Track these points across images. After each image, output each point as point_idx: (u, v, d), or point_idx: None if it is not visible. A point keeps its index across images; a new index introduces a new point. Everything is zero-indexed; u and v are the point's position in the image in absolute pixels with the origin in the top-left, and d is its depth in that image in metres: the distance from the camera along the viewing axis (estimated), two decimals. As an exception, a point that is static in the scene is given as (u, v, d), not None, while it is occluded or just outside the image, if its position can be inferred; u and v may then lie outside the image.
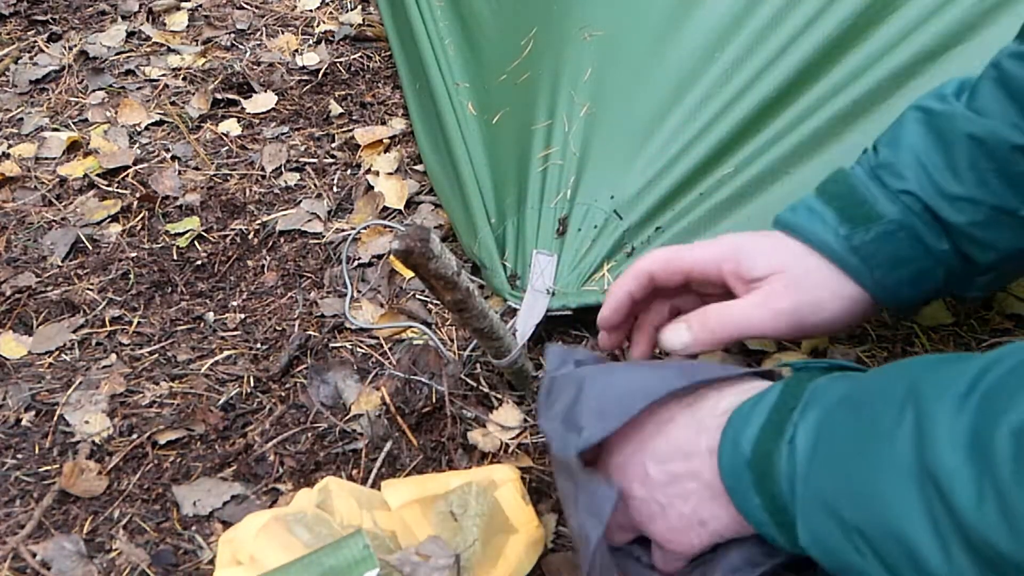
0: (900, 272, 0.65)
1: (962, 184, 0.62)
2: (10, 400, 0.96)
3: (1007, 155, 0.61)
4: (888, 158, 0.66)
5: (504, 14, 1.24)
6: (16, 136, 1.38)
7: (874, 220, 0.64)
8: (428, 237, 0.65)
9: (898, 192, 0.64)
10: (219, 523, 0.84)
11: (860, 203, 0.65)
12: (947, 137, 0.63)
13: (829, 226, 0.65)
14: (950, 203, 0.63)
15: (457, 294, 0.72)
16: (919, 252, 0.64)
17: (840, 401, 0.51)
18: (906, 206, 0.64)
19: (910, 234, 0.64)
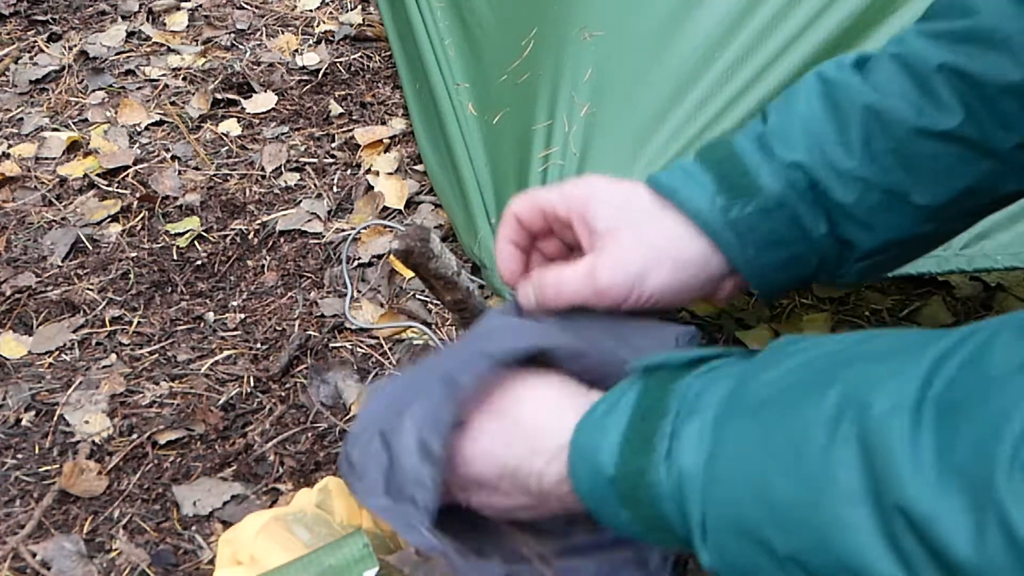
0: (773, 254, 0.59)
1: (855, 159, 0.57)
2: (10, 400, 0.96)
3: (905, 135, 0.57)
4: (778, 125, 0.60)
5: (504, 14, 1.24)
6: (16, 136, 1.38)
7: (755, 193, 0.58)
8: (428, 237, 0.65)
9: (787, 164, 0.58)
10: (219, 523, 0.84)
11: (742, 172, 0.59)
12: (843, 108, 0.58)
13: (705, 193, 0.58)
14: (840, 179, 0.58)
15: (457, 294, 0.72)
16: (796, 234, 0.59)
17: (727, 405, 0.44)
18: (790, 182, 0.58)
19: (789, 214, 0.58)
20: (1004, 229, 0.90)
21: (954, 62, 0.55)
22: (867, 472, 0.36)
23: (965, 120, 0.55)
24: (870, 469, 0.36)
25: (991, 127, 0.55)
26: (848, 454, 0.37)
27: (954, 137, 0.56)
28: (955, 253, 0.90)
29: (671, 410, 0.46)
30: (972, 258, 0.89)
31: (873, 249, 0.60)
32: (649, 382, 0.49)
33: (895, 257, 0.62)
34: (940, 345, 0.38)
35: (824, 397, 0.40)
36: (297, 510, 0.75)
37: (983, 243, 0.90)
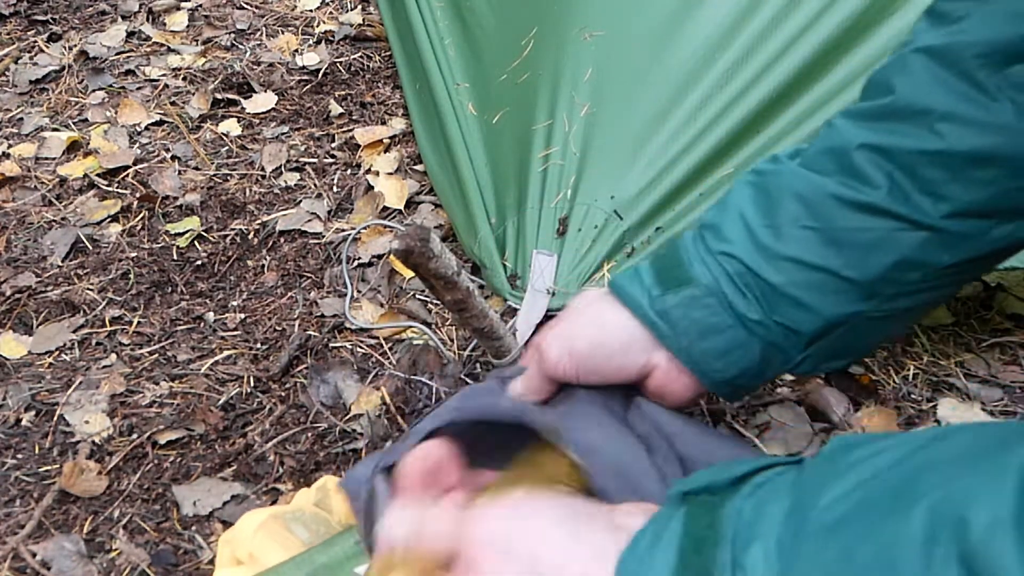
0: (709, 342, 0.61)
1: (783, 242, 0.59)
2: (10, 400, 0.96)
3: (831, 211, 0.58)
4: (714, 219, 0.63)
5: (504, 14, 1.24)
6: (16, 136, 1.38)
7: (684, 283, 0.61)
8: (428, 237, 0.65)
9: (717, 254, 0.61)
10: (219, 523, 0.84)
11: (676, 264, 0.62)
12: (773, 195, 0.60)
13: (644, 287, 0.62)
14: (770, 262, 0.59)
15: (457, 294, 0.72)
16: (729, 320, 0.60)
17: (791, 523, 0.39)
18: (723, 269, 0.60)
19: (720, 300, 0.60)
20: None
21: (874, 139, 0.57)
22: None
23: (889, 192, 0.56)
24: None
25: (918, 197, 0.56)
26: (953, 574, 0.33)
27: (878, 209, 0.57)
28: None
29: (725, 538, 0.41)
30: None
31: (816, 332, 0.60)
32: (693, 509, 0.44)
33: (845, 343, 0.61)
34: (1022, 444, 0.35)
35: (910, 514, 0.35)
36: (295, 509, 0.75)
37: None
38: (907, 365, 0.97)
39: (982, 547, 0.32)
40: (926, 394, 0.94)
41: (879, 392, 0.94)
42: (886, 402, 0.93)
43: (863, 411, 0.92)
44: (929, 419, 0.91)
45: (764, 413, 0.91)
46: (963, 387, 0.94)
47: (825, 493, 0.40)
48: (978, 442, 0.38)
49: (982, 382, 0.95)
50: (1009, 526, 0.32)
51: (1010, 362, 0.97)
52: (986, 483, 0.34)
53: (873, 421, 0.90)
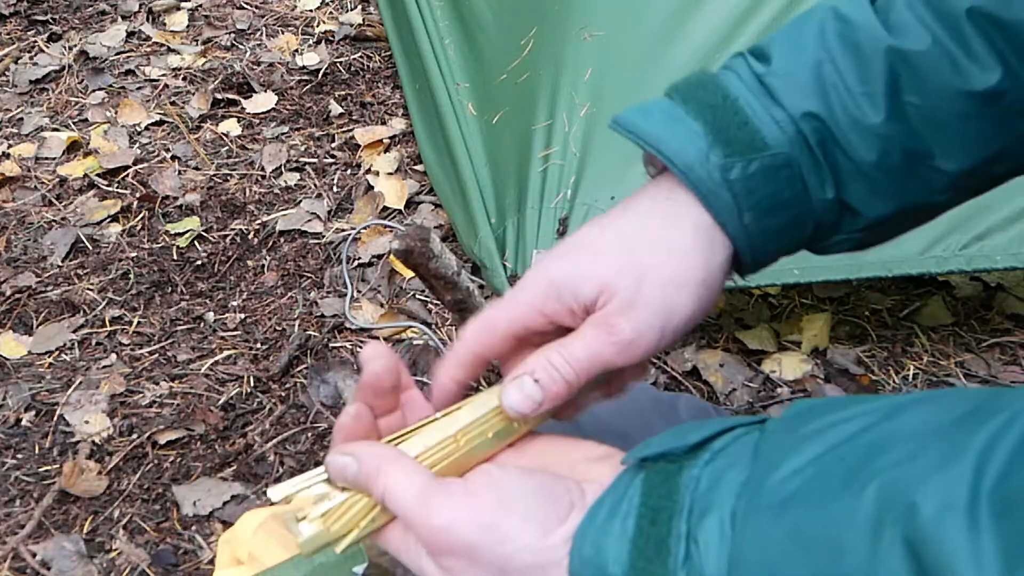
0: (774, 219, 0.50)
1: (880, 114, 0.49)
2: (10, 400, 0.96)
3: (935, 90, 0.48)
4: (785, 67, 0.50)
5: (504, 14, 1.24)
6: (16, 136, 1.38)
7: (759, 148, 0.48)
8: (428, 237, 0.65)
9: (800, 115, 0.49)
10: (219, 523, 0.84)
11: (741, 122, 0.49)
12: (866, 53, 0.49)
13: (698, 145, 0.48)
14: (862, 135, 0.49)
15: (457, 294, 0.72)
16: (798, 196, 0.50)
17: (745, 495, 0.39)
18: (801, 134, 0.49)
19: (794, 173, 0.49)
20: (1003, 230, 0.91)
21: (985, 6, 0.47)
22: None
23: (1003, 77, 0.47)
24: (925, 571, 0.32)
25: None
26: (895, 561, 0.33)
27: (991, 96, 0.48)
28: (954, 253, 0.90)
29: (682, 508, 0.40)
30: (971, 258, 0.89)
31: (878, 219, 0.51)
32: (651, 476, 0.42)
33: (893, 229, 0.54)
34: (985, 429, 0.34)
35: (861, 494, 0.35)
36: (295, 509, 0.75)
37: (982, 243, 0.90)
38: (907, 365, 0.97)
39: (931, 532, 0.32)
40: (926, 394, 0.94)
41: (879, 392, 0.94)
42: (886, 402, 0.93)
43: (863, 411, 0.92)
44: (929, 419, 0.91)
45: (764, 413, 0.91)
46: (963, 387, 0.94)
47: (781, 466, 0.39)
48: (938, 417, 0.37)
49: (982, 382, 0.95)
50: (960, 513, 0.32)
51: (1010, 362, 0.97)
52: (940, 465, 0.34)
53: (873, 421, 0.90)
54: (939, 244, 0.90)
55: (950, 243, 0.90)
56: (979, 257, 0.89)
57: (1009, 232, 0.90)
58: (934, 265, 0.89)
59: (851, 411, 0.39)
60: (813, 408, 0.41)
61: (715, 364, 0.96)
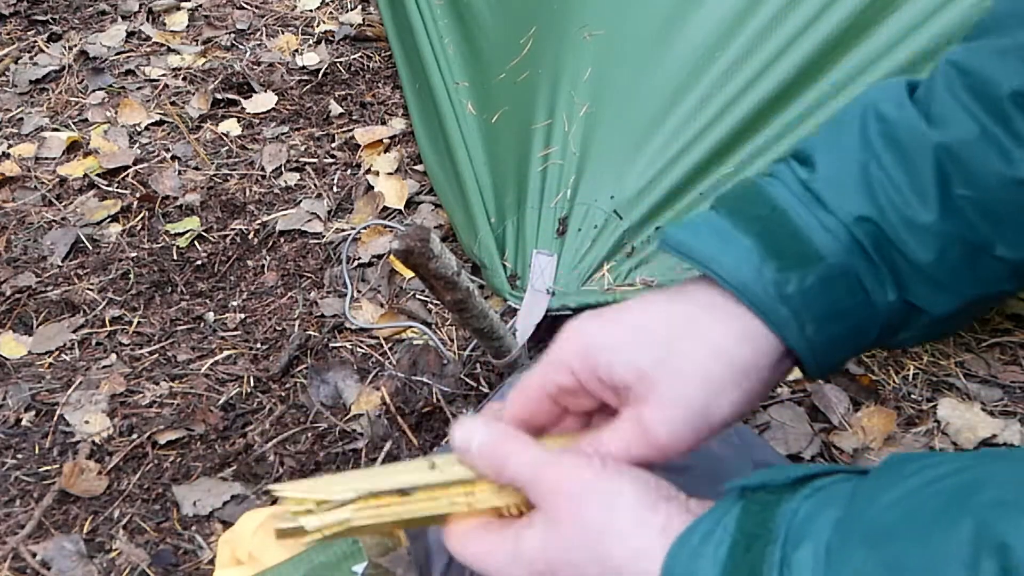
0: (836, 327, 0.49)
1: (933, 212, 0.47)
2: (10, 400, 0.96)
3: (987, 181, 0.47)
4: (831, 171, 0.49)
5: (504, 13, 1.24)
6: (16, 136, 1.38)
7: (813, 260, 0.48)
8: (428, 237, 0.65)
9: (852, 220, 0.48)
10: (219, 523, 0.84)
11: (791, 233, 0.48)
12: (911, 150, 0.48)
13: (750, 262, 0.47)
14: (916, 235, 0.48)
15: (457, 294, 0.72)
16: (859, 302, 0.49)
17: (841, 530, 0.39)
18: (854, 240, 0.48)
19: (852, 281, 0.48)
20: None
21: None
22: None
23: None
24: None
25: None
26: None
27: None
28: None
29: (778, 536, 0.40)
30: None
31: (947, 314, 0.50)
32: (750, 505, 0.42)
33: (963, 320, 0.52)
34: None
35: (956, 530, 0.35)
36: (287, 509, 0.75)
37: None
38: (907, 365, 0.97)
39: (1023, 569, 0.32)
40: (926, 394, 0.94)
41: (879, 392, 0.94)
42: (886, 402, 0.93)
43: (863, 411, 0.92)
44: (929, 419, 0.91)
45: (764, 413, 0.91)
46: (963, 387, 0.94)
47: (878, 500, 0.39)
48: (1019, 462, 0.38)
49: (982, 382, 0.95)
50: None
51: (1010, 362, 0.97)
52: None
53: (873, 421, 0.90)
54: None
55: None
56: None
57: None
58: None
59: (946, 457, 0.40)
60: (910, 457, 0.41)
61: (715, 364, 0.96)
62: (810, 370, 0.49)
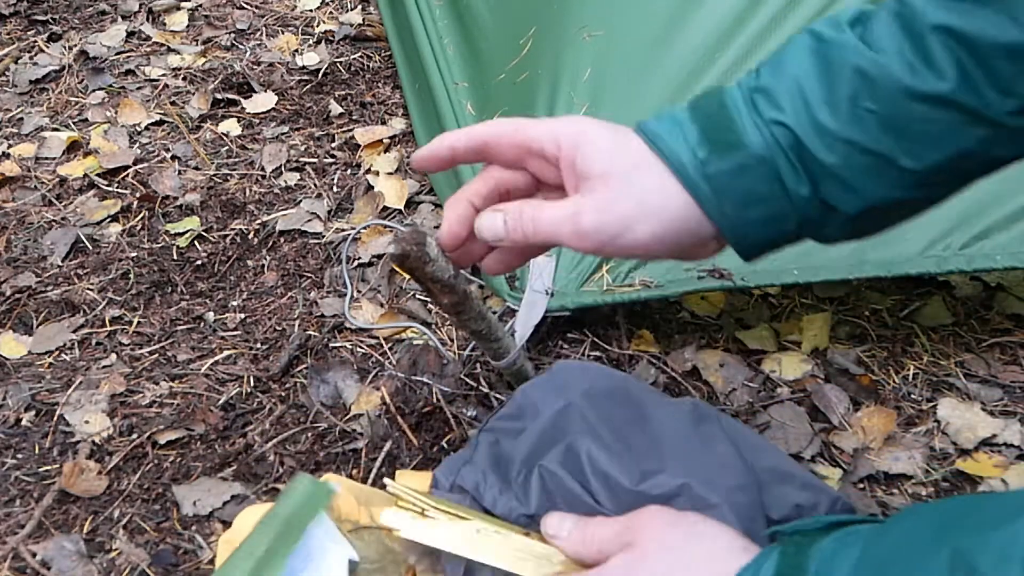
0: (752, 211, 0.58)
1: (841, 122, 0.55)
2: (10, 400, 0.96)
3: (896, 97, 0.54)
4: (768, 83, 0.58)
5: (503, 13, 1.24)
6: (16, 136, 1.38)
7: (736, 148, 0.57)
8: (424, 240, 0.65)
9: (771, 123, 0.57)
10: (219, 523, 0.84)
11: (727, 127, 0.58)
12: (835, 66, 0.56)
13: (688, 144, 0.58)
14: (825, 141, 0.56)
15: (454, 297, 0.72)
16: (776, 192, 0.58)
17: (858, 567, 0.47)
18: (775, 139, 0.57)
19: (770, 171, 0.57)
20: (1003, 229, 0.90)
21: (950, 21, 0.53)
22: None
23: (959, 84, 0.53)
24: None
25: (987, 92, 0.53)
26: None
27: (947, 101, 0.54)
28: (955, 253, 0.90)
29: (809, 571, 0.48)
30: (972, 258, 0.89)
31: (856, 214, 0.58)
32: (787, 548, 0.51)
33: (879, 223, 0.61)
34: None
35: (938, 556, 0.43)
36: None
37: (982, 243, 0.90)
38: (907, 365, 0.97)
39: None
40: (926, 394, 0.94)
41: (879, 392, 0.94)
42: (886, 402, 0.93)
43: (863, 411, 0.92)
44: (929, 419, 0.91)
45: (764, 413, 0.91)
46: (963, 387, 0.94)
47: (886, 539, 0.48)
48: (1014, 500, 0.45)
49: (982, 382, 0.95)
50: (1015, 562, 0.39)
51: (1010, 362, 0.97)
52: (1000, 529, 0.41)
53: (873, 421, 0.90)
54: (939, 243, 0.90)
55: (950, 242, 0.90)
56: (980, 256, 0.89)
57: (1011, 231, 0.90)
58: (934, 265, 0.89)
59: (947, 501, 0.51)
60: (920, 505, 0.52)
61: (715, 364, 0.96)
62: (734, 247, 0.60)
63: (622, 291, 0.94)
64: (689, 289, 0.92)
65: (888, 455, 0.87)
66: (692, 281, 0.92)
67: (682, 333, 1.00)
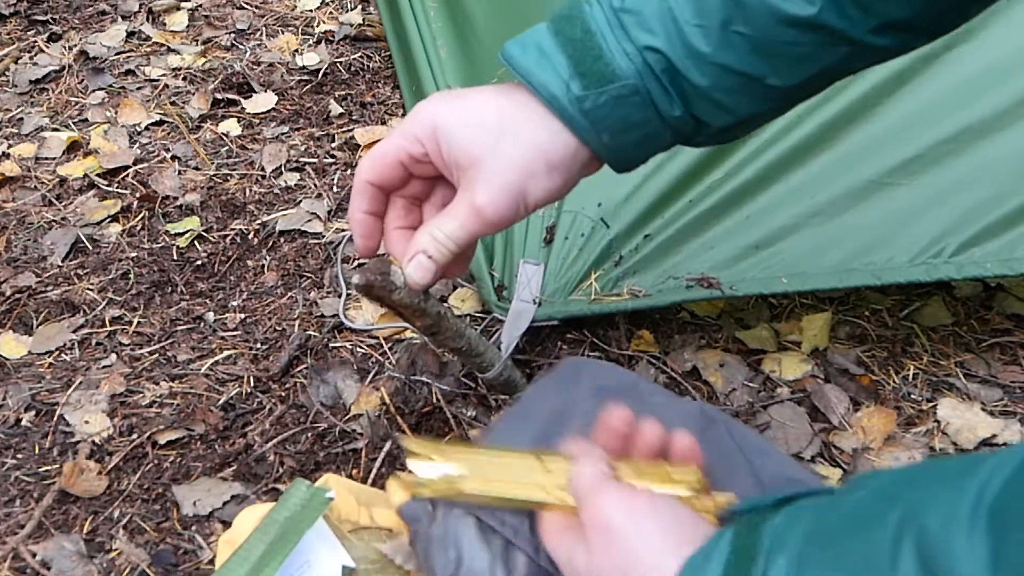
0: (628, 136, 0.60)
1: (712, 46, 0.57)
2: (10, 400, 0.96)
3: (762, 19, 0.56)
4: (635, 4, 0.58)
5: (496, 18, 1.24)
6: (16, 136, 1.38)
7: (609, 80, 0.57)
8: (388, 270, 0.65)
9: (643, 48, 0.57)
10: (219, 523, 0.84)
11: (596, 56, 0.58)
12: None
13: (560, 78, 0.58)
14: (697, 63, 0.57)
15: (427, 320, 0.72)
16: (650, 116, 0.59)
17: (808, 539, 0.47)
18: (647, 65, 0.57)
19: (644, 99, 0.58)
20: (994, 236, 0.89)
21: None
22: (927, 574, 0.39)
23: (824, 6, 0.55)
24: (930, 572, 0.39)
25: (851, 11, 0.55)
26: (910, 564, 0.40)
27: (815, 24, 0.55)
28: (944, 261, 0.89)
29: (762, 550, 0.48)
30: (961, 265, 0.88)
31: (726, 126, 0.61)
32: (740, 527, 0.51)
33: (745, 129, 0.63)
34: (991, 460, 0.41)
35: (887, 518, 0.42)
36: None
37: (973, 250, 0.89)
38: (907, 365, 0.97)
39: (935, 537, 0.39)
40: (926, 394, 0.94)
41: (879, 392, 0.94)
42: (886, 402, 0.93)
43: (863, 411, 0.92)
44: (929, 419, 0.91)
45: (764, 413, 0.91)
46: (963, 387, 0.94)
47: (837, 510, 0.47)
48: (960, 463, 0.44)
49: (982, 382, 0.95)
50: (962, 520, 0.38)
51: (1010, 362, 0.97)
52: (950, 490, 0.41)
53: (873, 421, 0.90)
54: (929, 250, 0.89)
55: (941, 249, 0.89)
56: (969, 264, 0.88)
57: (1001, 238, 0.89)
58: (923, 273, 0.88)
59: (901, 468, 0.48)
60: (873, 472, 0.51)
61: (715, 364, 0.96)
62: (611, 166, 0.62)
63: (610, 300, 0.94)
64: (677, 299, 0.92)
65: (888, 455, 0.87)
66: (681, 291, 0.92)
67: (682, 333, 1.00)
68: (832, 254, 0.91)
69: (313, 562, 0.67)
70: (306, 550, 0.68)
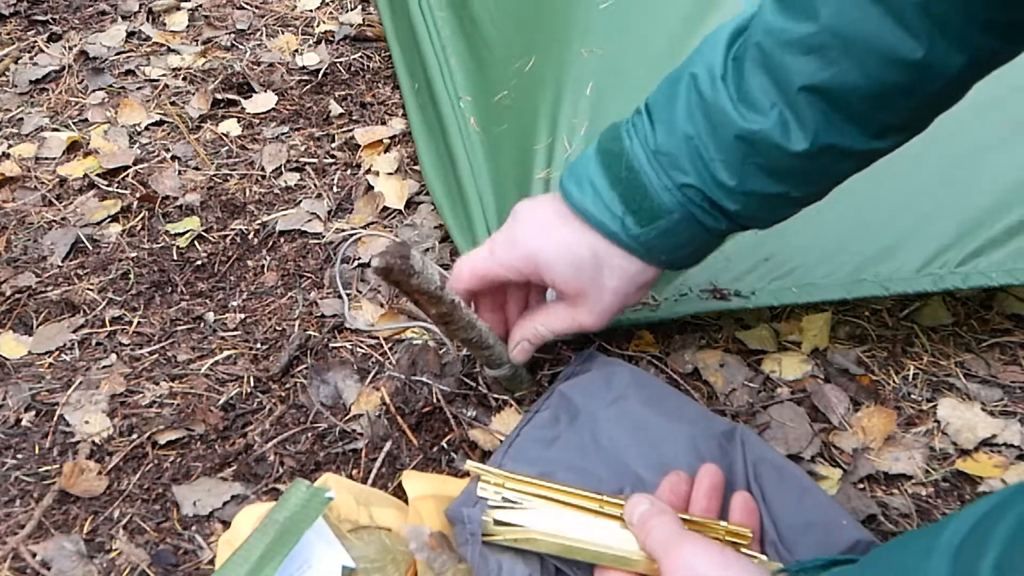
0: (683, 251, 0.71)
1: (736, 179, 0.65)
2: (10, 400, 0.96)
3: (775, 154, 0.63)
4: (666, 146, 0.67)
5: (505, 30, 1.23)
6: (16, 136, 1.38)
7: (657, 216, 0.68)
8: (408, 254, 0.65)
9: (680, 185, 0.67)
10: (219, 523, 0.84)
11: (643, 195, 0.68)
12: (719, 131, 0.64)
13: (616, 216, 0.69)
14: (727, 193, 0.66)
15: (441, 307, 0.72)
16: (699, 233, 0.70)
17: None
18: (687, 198, 0.67)
19: (691, 222, 0.68)
20: (999, 246, 0.91)
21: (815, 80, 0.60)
22: None
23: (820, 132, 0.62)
24: None
25: (849, 129, 0.62)
26: None
27: (815, 153, 0.63)
28: (950, 271, 0.91)
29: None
30: (967, 275, 0.90)
31: (766, 225, 0.73)
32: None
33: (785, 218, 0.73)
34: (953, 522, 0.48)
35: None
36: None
37: (977, 260, 0.91)
38: (907, 365, 0.97)
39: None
40: (926, 394, 0.94)
41: (879, 392, 0.94)
42: (886, 402, 0.93)
43: (863, 411, 0.92)
44: (929, 419, 0.91)
45: (764, 413, 0.91)
46: (963, 387, 0.94)
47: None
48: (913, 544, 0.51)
49: (982, 382, 0.95)
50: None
51: (1010, 362, 0.97)
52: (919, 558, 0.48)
53: (873, 421, 0.90)
54: (936, 261, 0.91)
55: (947, 260, 0.91)
56: (975, 274, 0.90)
57: (1006, 248, 0.91)
58: (930, 283, 0.91)
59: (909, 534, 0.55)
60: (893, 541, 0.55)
61: (715, 364, 0.96)
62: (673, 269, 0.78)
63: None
64: (690, 311, 0.93)
65: (888, 455, 0.87)
66: (694, 302, 0.93)
67: (682, 333, 1.00)
68: (841, 265, 0.93)
69: (313, 562, 0.67)
70: (306, 550, 0.68)
